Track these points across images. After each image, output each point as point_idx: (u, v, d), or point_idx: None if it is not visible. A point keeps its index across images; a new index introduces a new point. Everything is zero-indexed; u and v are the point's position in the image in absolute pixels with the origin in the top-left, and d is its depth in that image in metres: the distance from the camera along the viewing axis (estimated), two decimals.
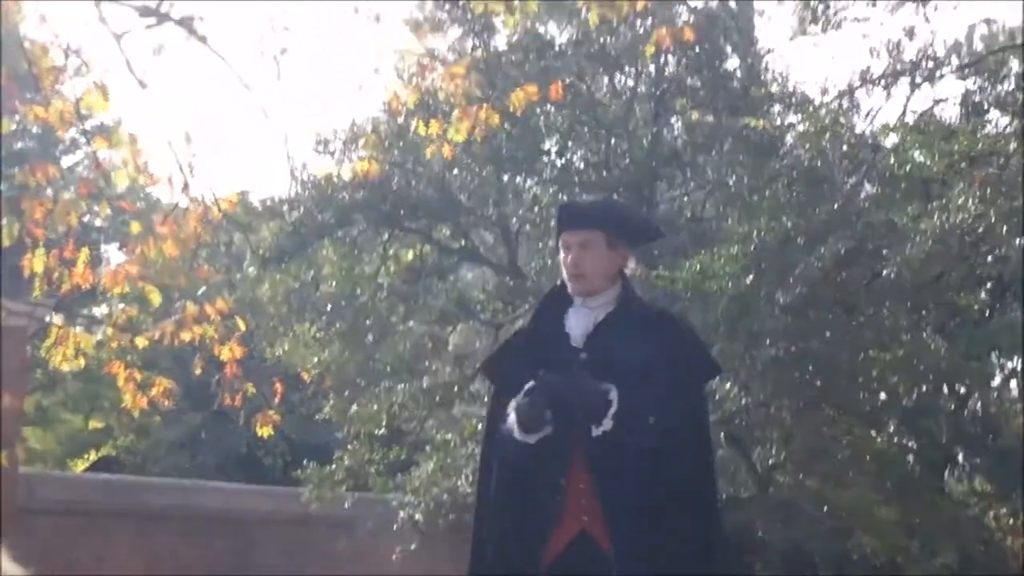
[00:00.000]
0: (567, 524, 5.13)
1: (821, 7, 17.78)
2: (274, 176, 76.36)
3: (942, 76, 17.11)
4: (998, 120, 15.85)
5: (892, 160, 14.55)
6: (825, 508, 19.13)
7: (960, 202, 12.45)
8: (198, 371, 9.02)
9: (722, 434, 15.47)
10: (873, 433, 18.24)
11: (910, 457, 20.80)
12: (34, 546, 16.56)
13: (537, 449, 5.19)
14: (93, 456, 32.54)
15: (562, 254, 5.39)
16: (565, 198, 19.11)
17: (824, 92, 17.97)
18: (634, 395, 5.07)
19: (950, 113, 17.53)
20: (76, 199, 8.04)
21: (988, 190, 12.52)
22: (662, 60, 18.89)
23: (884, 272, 13.85)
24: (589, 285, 5.31)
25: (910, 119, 16.62)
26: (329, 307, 19.65)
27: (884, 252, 13.61)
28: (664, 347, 5.18)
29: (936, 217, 12.52)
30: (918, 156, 14.26)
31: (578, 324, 5.32)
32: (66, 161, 31.77)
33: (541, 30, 18.90)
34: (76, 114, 7.96)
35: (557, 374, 5.04)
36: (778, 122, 18.74)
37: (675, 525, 5.10)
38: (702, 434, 5.44)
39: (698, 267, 14.37)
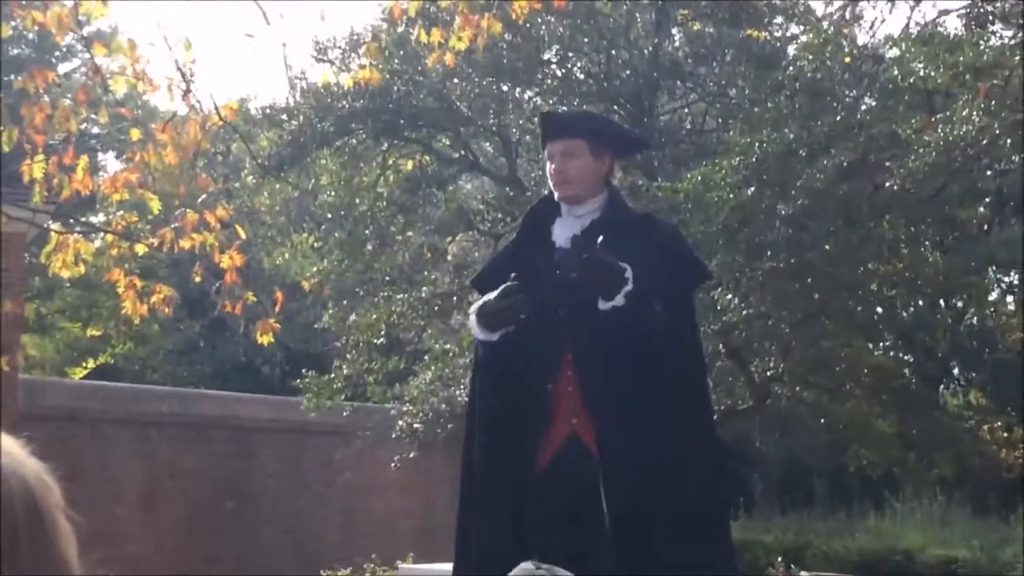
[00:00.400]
0: (557, 428, 5.21)
1: None
2: (273, 85, 76.04)
3: None
4: (1002, 33, 15.74)
5: (895, 72, 14.46)
6: (822, 420, 19.24)
7: (964, 114, 12.39)
8: (198, 279, 8.98)
9: (721, 345, 15.49)
10: (871, 346, 18.30)
11: (907, 370, 20.91)
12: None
13: (525, 355, 5.25)
14: (91, 364, 32.63)
15: (549, 164, 5.43)
16: (565, 109, 19.05)
17: (827, 3, 17.87)
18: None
19: (954, 25, 17.45)
20: (75, 105, 7.98)
21: (992, 103, 12.44)
22: None
23: (886, 184, 13.80)
24: (574, 191, 5.36)
25: (914, 31, 16.51)
26: (329, 216, 19.62)
27: (887, 164, 13.55)
28: (650, 251, 5.19)
29: (939, 129, 12.45)
30: (921, 68, 14.17)
31: (564, 232, 5.37)
32: (63, 68, 31.59)
33: None
34: (75, 19, 7.87)
35: (577, 242, 5.01)
36: (780, 33, 18.62)
37: (663, 429, 5.12)
38: (690, 336, 5.49)
39: (699, 178, 14.32)
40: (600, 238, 5.00)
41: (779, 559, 12.48)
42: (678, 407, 5.19)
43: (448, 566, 5.86)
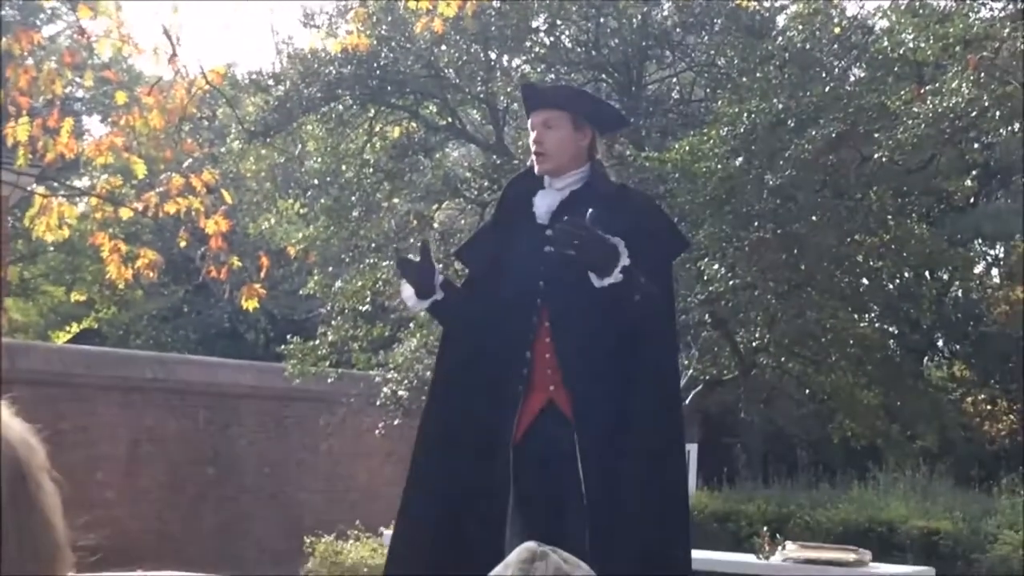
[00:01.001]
0: (536, 395, 5.28)
1: None
2: (260, 50, 75.73)
3: None
4: (992, 4, 15.70)
5: (885, 43, 14.43)
6: (807, 391, 19.27)
7: (953, 86, 12.37)
8: (183, 244, 8.96)
9: (707, 315, 15.50)
10: (856, 317, 18.31)
11: (892, 342, 20.93)
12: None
13: (504, 323, 5.31)
14: (75, 328, 32.55)
15: (531, 135, 5.46)
16: (553, 77, 19.00)
17: None
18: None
19: None
20: (61, 68, 7.93)
21: (982, 75, 12.42)
22: None
23: (874, 156, 13.78)
24: (552, 163, 5.40)
25: (903, 2, 16.46)
26: (315, 183, 19.55)
27: (875, 135, 13.53)
28: (627, 220, 5.22)
29: (928, 101, 12.43)
30: (911, 39, 14.14)
31: (544, 203, 5.42)
32: (47, 31, 31.40)
33: None
34: None
35: (572, 222, 5.02)
36: (769, 3, 18.57)
37: (636, 396, 5.20)
38: (667, 307, 5.50)
39: (687, 148, 14.29)
40: (591, 211, 4.99)
41: (763, 528, 12.46)
42: (649, 382, 5.24)
43: None
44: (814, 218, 14.36)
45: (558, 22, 18.98)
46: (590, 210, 5.03)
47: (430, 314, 5.61)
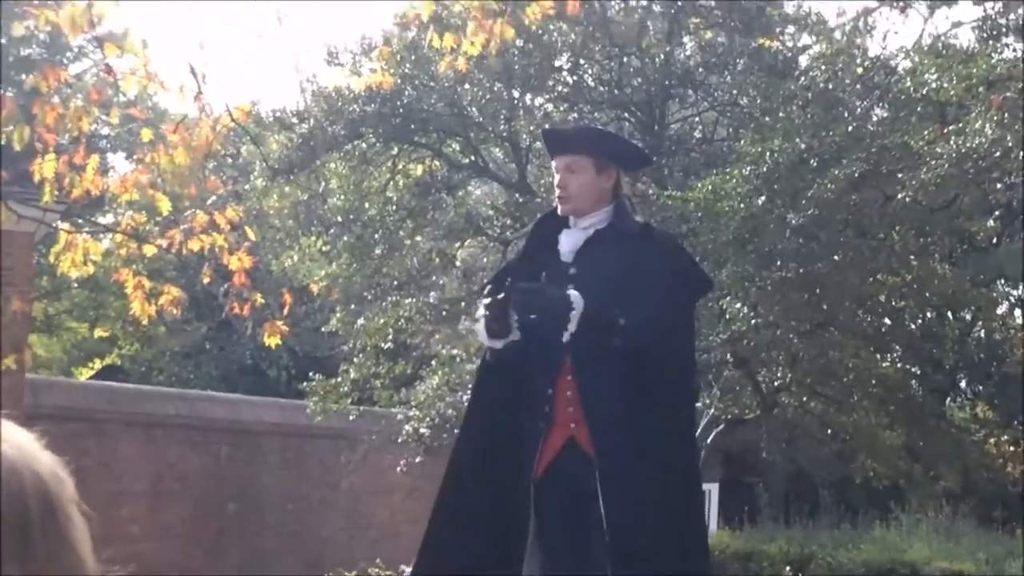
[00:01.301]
0: (557, 432, 5.34)
1: None
2: (283, 89, 76.03)
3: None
4: (1015, 45, 15.71)
5: (908, 83, 14.43)
6: (829, 431, 19.20)
7: (976, 126, 12.36)
8: (206, 280, 8.99)
9: (729, 354, 15.47)
10: (879, 357, 18.26)
11: (914, 382, 20.86)
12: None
13: (528, 361, 5.38)
14: (98, 364, 32.62)
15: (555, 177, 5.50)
16: (576, 116, 19.05)
17: (840, 13, 17.83)
18: (617, 303, 5.22)
19: (967, 37, 17.40)
20: (87, 105, 7.97)
21: (1005, 115, 12.41)
22: None
23: (897, 196, 13.77)
24: (574, 206, 5.48)
25: (926, 43, 16.48)
26: (338, 220, 19.60)
27: (898, 175, 13.52)
28: (650, 260, 5.33)
29: (951, 141, 12.42)
30: (934, 80, 14.14)
31: (569, 242, 5.50)
32: (74, 69, 31.61)
33: None
34: (88, 19, 7.86)
35: (525, 284, 5.19)
36: (792, 43, 18.60)
37: (654, 430, 5.25)
38: (684, 346, 5.58)
39: (710, 187, 14.29)
40: (508, 281, 5.17)
41: (786, 568, 12.43)
42: (666, 418, 5.31)
43: None
44: (837, 258, 14.34)
45: (581, 61, 19.04)
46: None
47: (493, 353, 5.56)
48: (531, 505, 5.28)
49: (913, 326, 19.79)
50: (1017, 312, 24.82)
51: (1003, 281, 23.49)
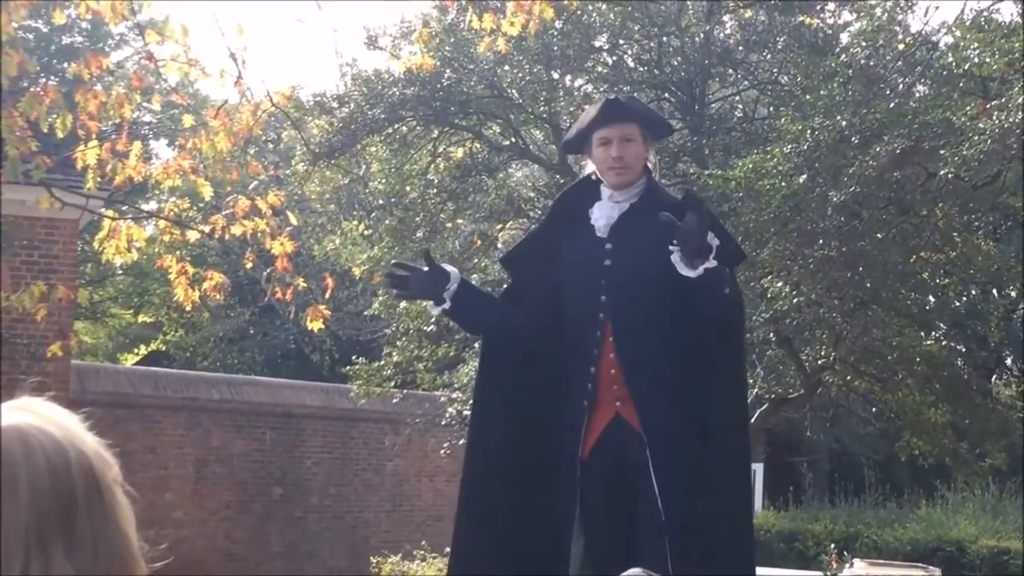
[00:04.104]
0: (602, 410, 5.30)
1: None
2: (323, 73, 76.13)
3: None
4: None
5: (950, 59, 14.32)
6: (873, 409, 19.13)
7: (1020, 101, 12.25)
8: (249, 265, 9.03)
9: (772, 333, 15.42)
10: (923, 335, 18.17)
11: (959, 360, 20.74)
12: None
13: (565, 337, 5.38)
14: (143, 350, 32.86)
15: (597, 149, 5.44)
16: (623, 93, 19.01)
17: None
18: (658, 279, 5.17)
19: (1009, 11, 17.26)
20: (129, 91, 8.01)
21: None
22: None
23: (940, 172, 13.68)
24: (630, 176, 5.46)
25: (968, 18, 16.36)
26: (379, 203, 19.63)
27: (940, 151, 13.42)
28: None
29: (994, 116, 12.31)
30: (976, 55, 14.02)
31: (603, 216, 5.45)
32: (115, 57, 31.75)
33: None
34: (129, 7, 7.89)
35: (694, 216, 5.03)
36: (833, 20, 18.50)
37: (701, 406, 5.24)
38: (739, 320, 5.58)
39: (751, 166, 14.23)
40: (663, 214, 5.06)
41: (832, 547, 12.42)
42: (720, 393, 5.30)
43: None
44: (879, 235, 14.25)
45: (620, 41, 18.99)
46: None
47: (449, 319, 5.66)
48: (577, 488, 5.26)
49: (957, 303, 19.69)
50: None
51: None
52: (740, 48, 19.10)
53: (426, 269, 5.44)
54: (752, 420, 16.82)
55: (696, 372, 5.22)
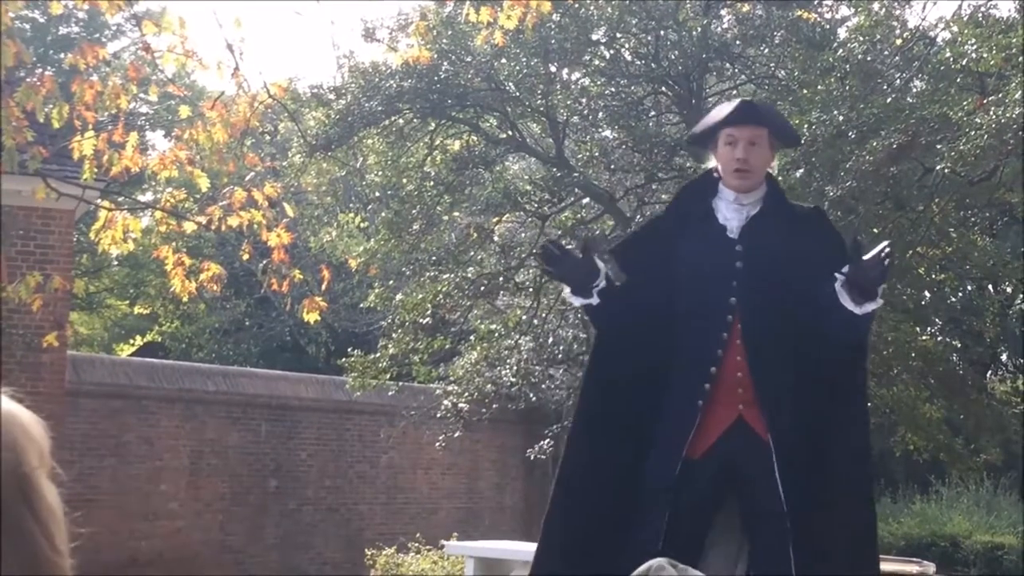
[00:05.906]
0: (721, 410, 5.22)
1: None
2: (320, 64, 76.12)
3: None
4: None
5: (947, 54, 14.33)
6: (869, 404, 19.10)
7: (1016, 97, 12.26)
8: (245, 257, 9.02)
9: None
10: (918, 330, 18.18)
11: (955, 355, 20.76)
12: (80, 428, 16.77)
13: (685, 335, 5.30)
14: (138, 341, 32.84)
15: (723, 147, 5.42)
16: (613, 90, 19.00)
17: None
18: (790, 287, 5.20)
19: (1007, 7, 17.26)
20: (126, 82, 8.00)
21: None
22: None
23: (936, 167, 13.68)
24: (753, 180, 5.42)
25: (965, 13, 16.36)
26: (375, 196, 19.63)
27: (937, 146, 13.43)
28: (818, 243, 5.30)
29: (991, 111, 12.32)
30: (973, 50, 14.03)
31: (734, 217, 5.40)
32: (112, 48, 31.73)
33: None
34: None
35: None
36: (830, 15, 18.50)
37: (832, 416, 5.24)
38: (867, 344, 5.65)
39: None
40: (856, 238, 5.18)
41: None
42: (850, 415, 5.34)
43: (496, 544, 5.85)
44: (875, 230, 14.26)
45: (618, 35, 18.97)
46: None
47: (585, 314, 5.55)
48: (674, 488, 5.15)
49: (953, 299, 19.71)
50: None
51: None
52: (737, 42, 19.09)
53: (580, 256, 5.38)
54: None
55: (823, 388, 5.21)
